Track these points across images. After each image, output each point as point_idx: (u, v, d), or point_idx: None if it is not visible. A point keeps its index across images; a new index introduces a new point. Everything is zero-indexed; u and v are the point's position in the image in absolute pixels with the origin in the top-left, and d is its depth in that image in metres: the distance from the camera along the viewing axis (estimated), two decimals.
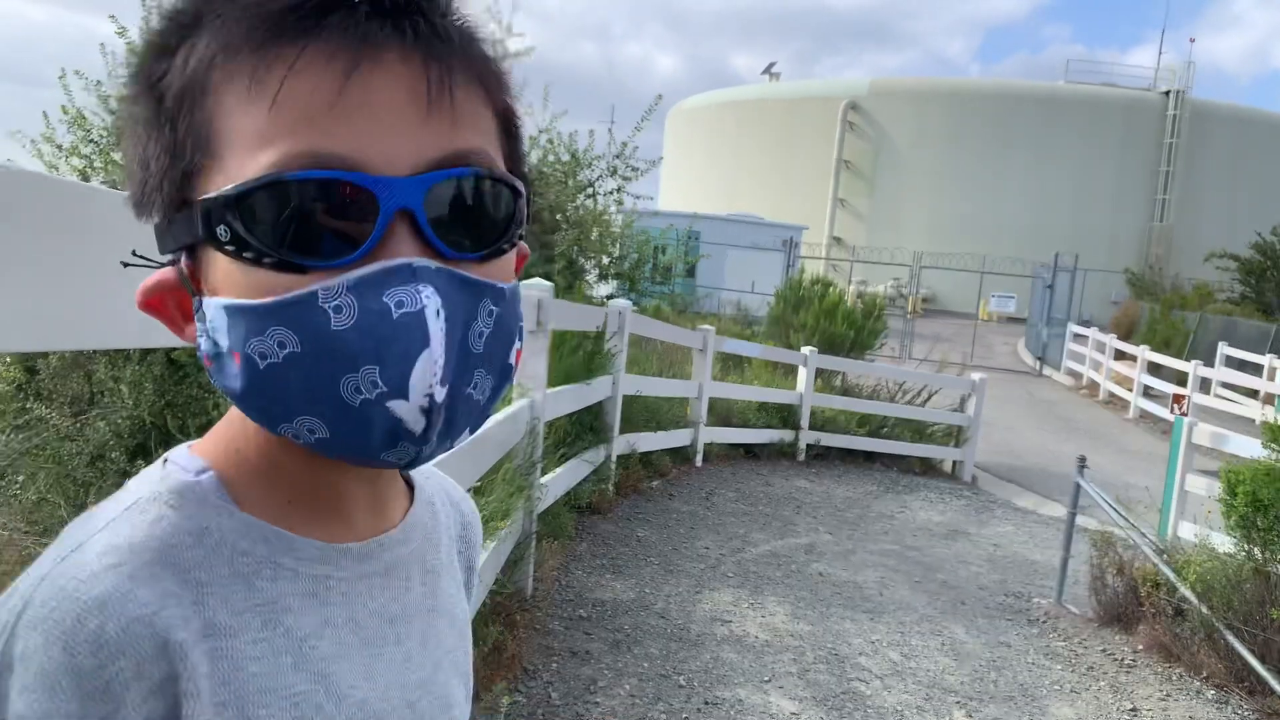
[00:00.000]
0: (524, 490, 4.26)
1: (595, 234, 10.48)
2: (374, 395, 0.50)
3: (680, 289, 17.52)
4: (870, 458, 10.07)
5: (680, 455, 8.28)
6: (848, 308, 12.59)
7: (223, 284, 0.53)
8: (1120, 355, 17.60)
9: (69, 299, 1.02)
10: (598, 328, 6.11)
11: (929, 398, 10.97)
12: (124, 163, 0.57)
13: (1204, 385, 15.48)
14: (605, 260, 10.97)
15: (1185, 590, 4.86)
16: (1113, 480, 9.16)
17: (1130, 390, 16.16)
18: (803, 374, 9.75)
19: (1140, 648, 5.11)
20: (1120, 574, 5.47)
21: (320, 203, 0.50)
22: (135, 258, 0.58)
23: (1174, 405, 13.56)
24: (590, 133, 10.75)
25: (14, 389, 4.28)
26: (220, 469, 0.58)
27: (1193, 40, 62.26)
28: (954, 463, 10.45)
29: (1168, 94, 36.10)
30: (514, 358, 0.58)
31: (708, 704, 3.87)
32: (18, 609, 0.49)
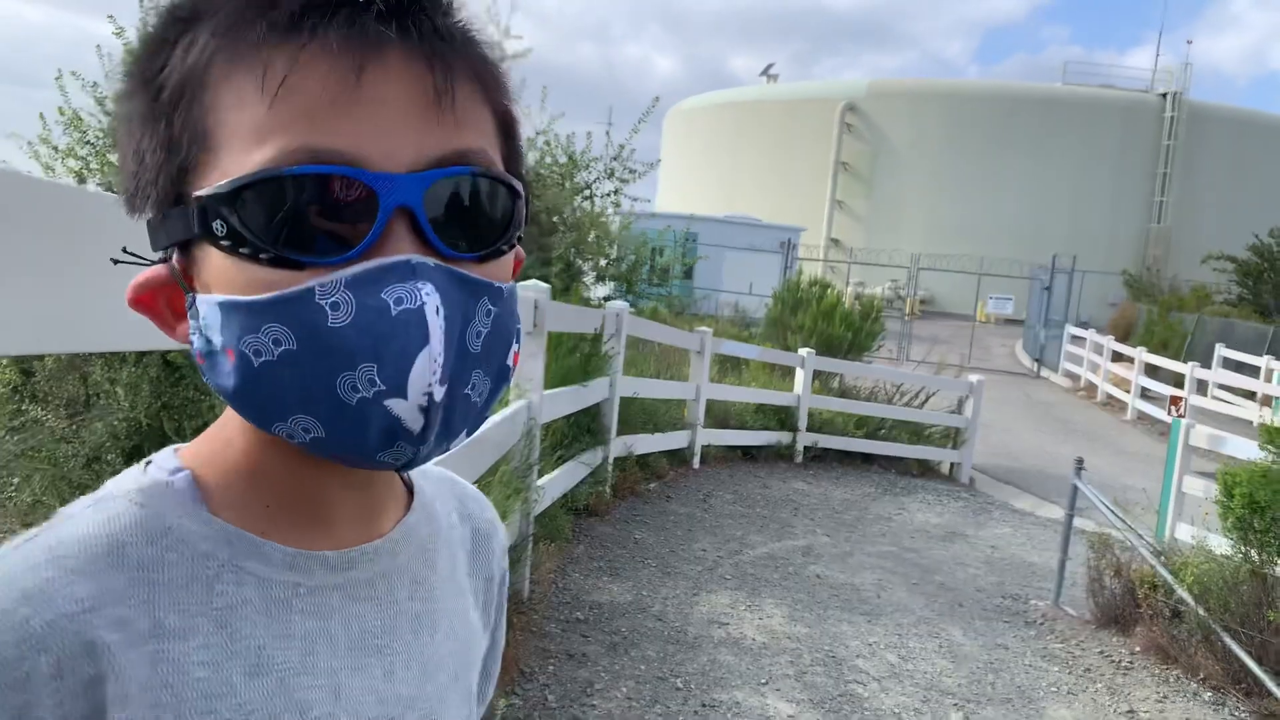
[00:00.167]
0: (521, 492, 4.26)
1: (592, 236, 10.48)
2: (371, 394, 0.49)
3: (678, 291, 17.52)
4: (868, 459, 10.07)
5: (677, 457, 8.28)
6: (845, 309, 12.60)
7: (217, 280, 0.52)
8: (1118, 357, 17.62)
9: (64, 301, 1.02)
10: (595, 329, 6.11)
11: (926, 399, 10.98)
12: (118, 157, 0.56)
13: (1201, 387, 15.50)
14: (603, 262, 10.97)
15: (1182, 592, 4.87)
16: (1110, 482, 9.17)
17: (1128, 392, 16.18)
18: (800, 376, 9.75)
19: (1137, 649, 5.12)
20: (1118, 576, 5.47)
21: (318, 198, 0.50)
22: (126, 254, 0.58)
23: (1171, 407, 13.60)
24: (588, 135, 10.75)
25: (10, 391, 4.27)
26: (199, 471, 0.57)
27: (1190, 42, 62.30)
28: (952, 464, 10.46)
29: (1165, 96, 36.17)
30: (511, 359, 0.57)
31: (705, 706, 3.87)
32: None
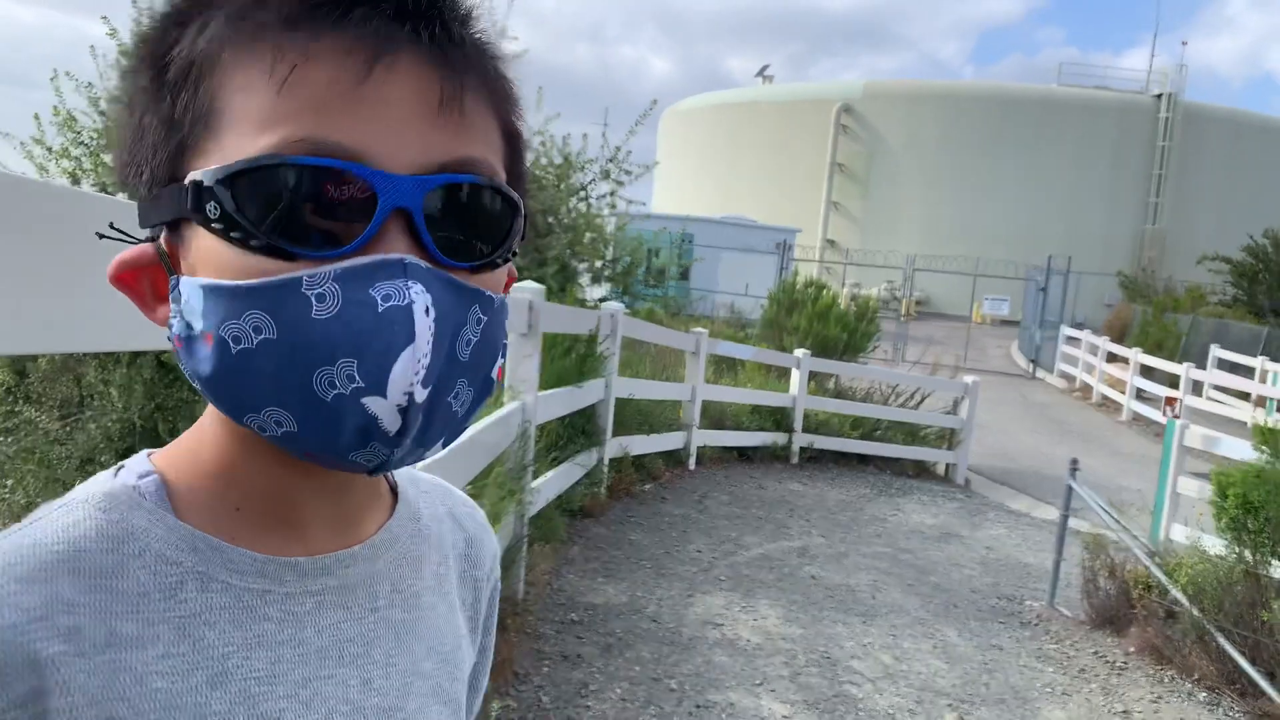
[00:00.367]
0: (515, 494, 4.25)
1: (588, 237, 10.47)
2: (349, 390, 0.48)
3: (674, 292, 17.55)
4: (863, 460, 10.08)
5: (673, 458, 8.28)
6: (841, 310, 12.62)
7: (204, 263, 0.51)
8: (1113, 358, 17.65)
9: (58, 301, 1.01)
10: (590, 331, 6.10)
11: (922, 400, 10.99)
12: (118, 133, 0.55)
13: (1196, 388, 15.52)
14: (598, 263, 10.96)
15: (1177, 593, 4.87)
16: (1105, 483, 9.19)
17: (1123, 393, 16.21)
18: (796, 377, 9.75)
19: (1132, 650, 5.12)
20: (1112, 576, 5.48)
21: (317, 190, 0.49)
22: (112, 230, 0.57)
23: (1166, 408, 13.61)
24: (584, 136, 10.73)
25: (3, 392, 4.26)
26: (169, 475, 0.56)
27: (1185, 43, 62.50)
28: (947, 465, 10.47)
29: (1160, 97, 36.25)
30: (496, 372, 0.56)
31: (699, 708, 3.87)
32: None
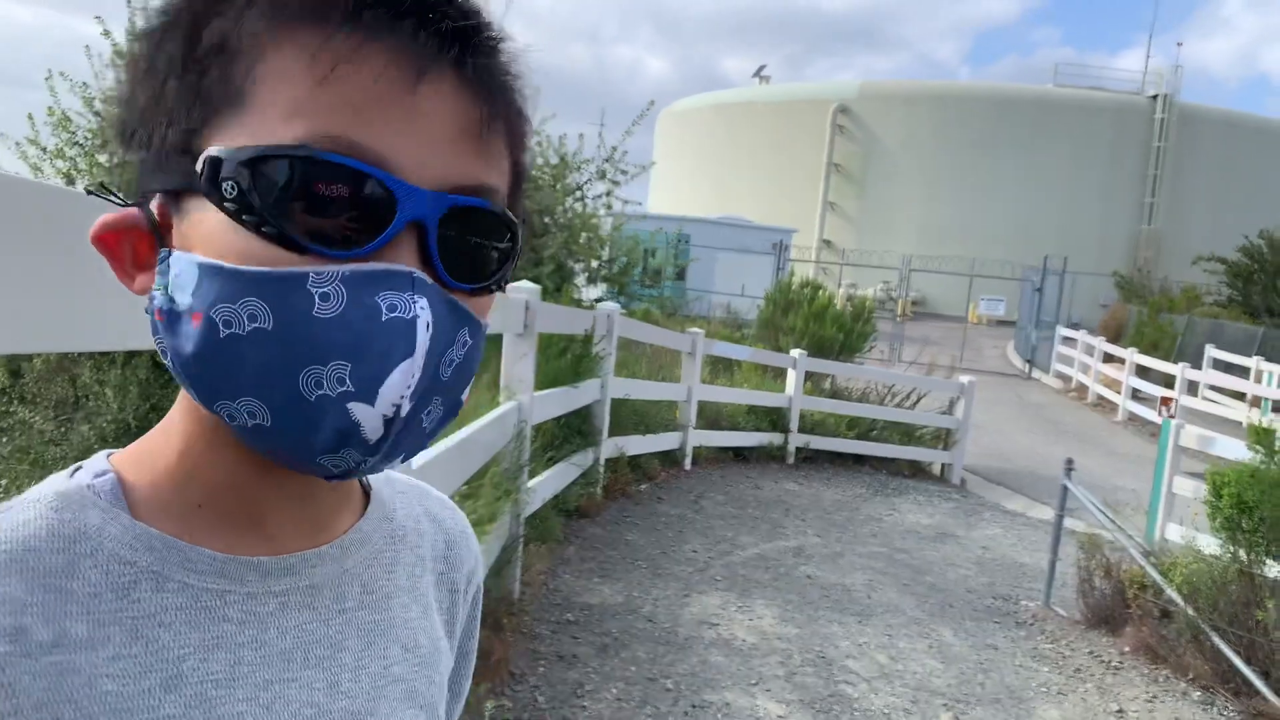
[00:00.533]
0: (511, 494, 4.25)
1: (584, 237, 10.47)
2: (336, 393, 0.48)
3: (670, 292, 17.56)
4: (859, 460, 10.09)
5: (669, 458, 8.28)
6: (837, 311, 12.62)
7: (205, 240, 0.50)
8: (1108, 358, 17.68)
9: (53, 301, 1.01)
10: (586, 331, 6.11)
11: (918, 401, 10.99)
12: (124, 89, 0.54)
13: (1191, 388, 15.55)
14: (594, 263, 10.96)
15: (1171, 592, 4.88)
16: (1101, 483, 9.21)
17: (1118, 393, 16.23)
18: (792, 377, 9.76)
19: (1127, 649, 5.13)
20: (1107, 576, 5.49)
21: (339, 190, 0.49)
22: (101, 189, 0.56)
23: (1161, 408, 13.63)
24: (580, 136, 10.72)
25: None
26: (128, 473, 0.55)
27: (1180, 44, 62.64)
28: (943, 465, 10.48)
29: (1155, 98, 36.32)
30: (465, 395, 0.56)
31: (695, 707, 3.87)
32: None
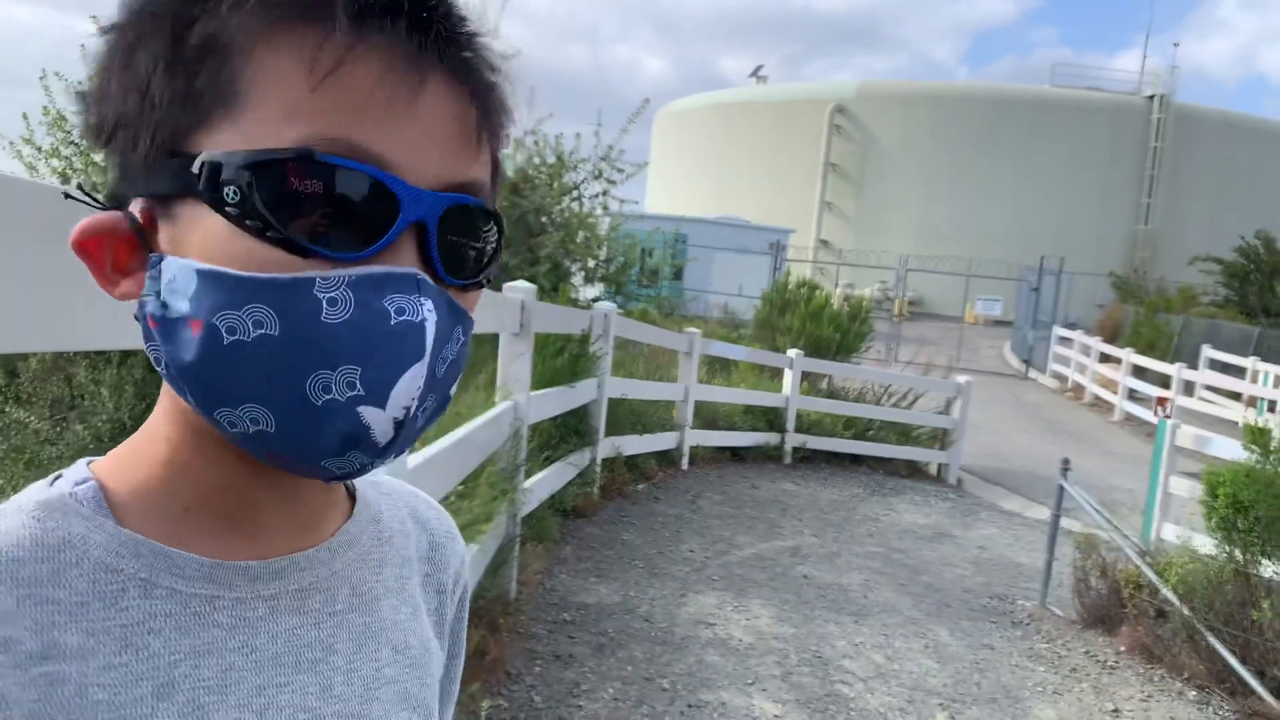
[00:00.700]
0: (507, 494, 4.25)
1: (581, 237, 10.46)
2: (345, 398, 0.48)
3: (667, 292, 17.55)
4: (856, 460, 10.09)
5: (666, 458, 8.28)
6: (834, 311, 12.62)
7: (201, 246, 0.49)
8: (1105, 358, 17.70)
9: (48, 300, 1.01)
10: (583, 331, 6.11)
11: (915, 400, 11.00)
12: (100, 86, 0.52)
13: (1188, 388, 15.58)
14: (591, 263, 10.95)
15: (1167, 592, 4.89)
16: (1097, 483, 9.22)
17: (1115, 393, 16.25)
18: (789, 377, 9.77)
19: (1123, 649, 5.14)
20: (1103, 576, 5.50)
21: (343, 193, 0.49)
22: (79, 192, 0.55)
23: (1158, 408, 13.65)
24: (576, 135, 10.72)
25: None
26: (109, 480, 0.55)
27: (1177, 45, 62.74)
28: (940, 465, 10.48)
29: (1152, 98, 36.36)
30: (454, 389, 0.57)
31: (691, 707, 3.87)
32: None
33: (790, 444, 9.63)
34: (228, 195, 0.48)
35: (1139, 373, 16.20)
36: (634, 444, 7.33)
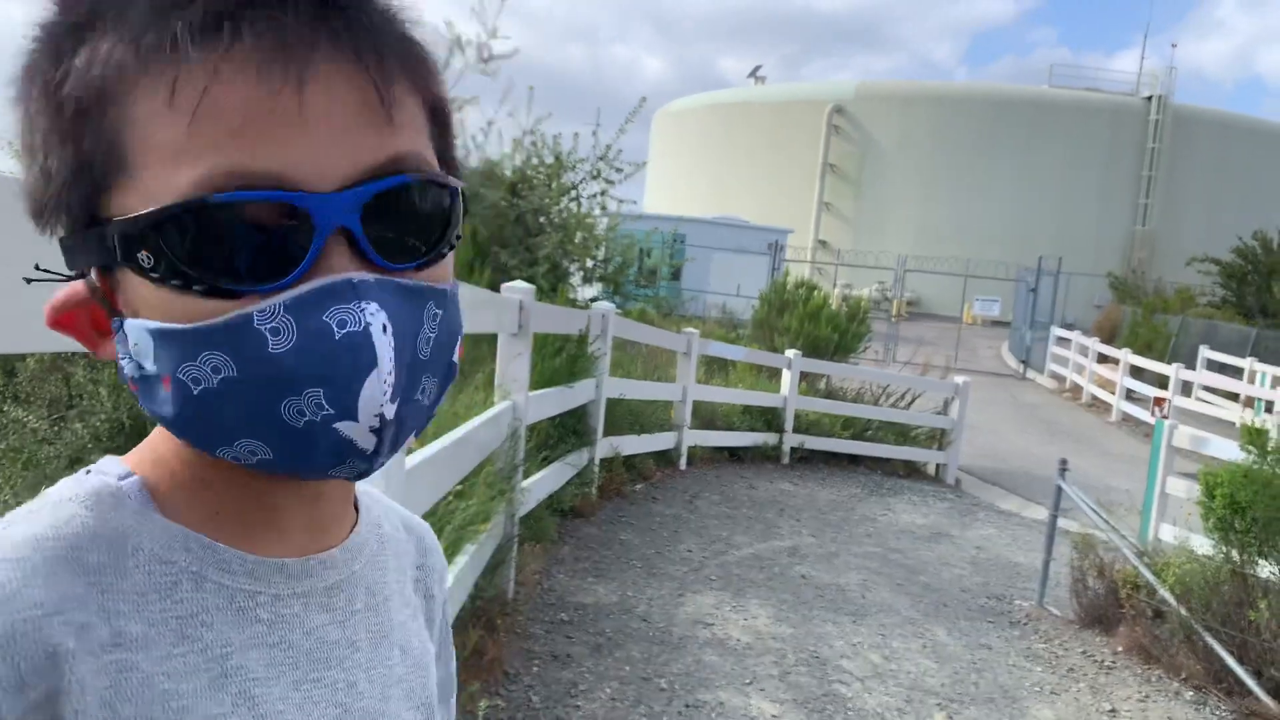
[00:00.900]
0: (505, 493, 4.26)
1: (579, 237, 10.46)
2: (319, 417, 0.48)
3: (665, 292, 17.54)
4: (854, 460, 10.10)
5: (664, 458, 8.28)
6: (832, 311, 12.63)
7: (146, 307, 0.49)
8: (1103, 359, 17.71)
9: (45, 300, 1.01)
10: (581, 331, 6.11)
11: (913, 401, 11.01)
12: (21, 166, 0.51)
13: (1185, 388, 15.59)
14: (589, 263, 10.95)
15: (1164, 592, 4.90)
16: (1095, 483, 9.23)
17: (1113, 393, 16.26)
18: (787, 377, 9.77)
19: (1120, 649, 5.15)
20: (1101, 576, 5.51)
21: (250, 224, 0.47)
22: (40, 272, 0.53)
23: (1155, 408, 13.67)
24: (575, 135, 10.71)
25: None
26: (146, 476, 0.55)
27: (1174, 45, 62.64)
28: (937, 466, 10.49)
29: (1150, 99, 36.39)
30: (456, 354, 0.56)
31: (689, 707, 3.87)
32: None
33: (788, 444, 9.63)
34: (142, 261, 0.47)
35: (1137, 373, 16.21)
36: (632, 444, 7.33)
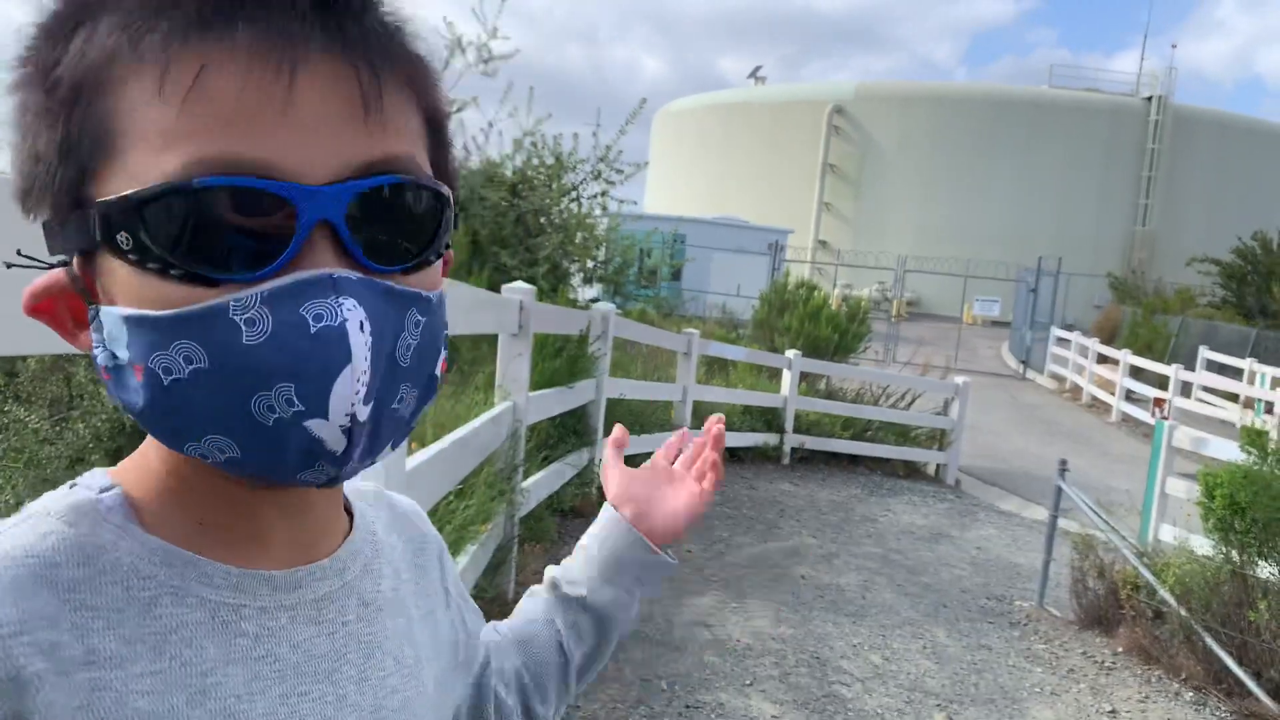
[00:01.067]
0: (506, 494, 4.26)
1: (580, 237, 10.46)
2: (289, 414, 0.47)
3: (666, 292, 17.55)
4: (854, 461, 10.10)
5: None
6: (832, 311, 12.63)
7: (123, 292, 0.48)
8: (1103, 359, 17.72)
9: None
10: (581, 331, 6.11)
11: (913, 401, 11.01)
12: (11, 151, 0.51)
13: (1185, 389, 15.59)
14: (590, 264, 10.95)
15: (1164, 593, 4.90)
16: (1095, 483, 9.23)
17: (1113, 394, 16.26)
18: (787, 377, 9.77)
19: (1120, 650, 5.15)
20: (1101, 577, 5.50)
21: (233, 212, 0.46)
22: (21, 258, 0.53)
23: (1155, 409, 13.67)
24: (575, 136, 10.71)
25: None
26: (129, 488, 0.54)
27: (1174, 46, 62.49)
28: (938, 466, 10.49)
29: (1150, 100, 36.40)
30: (439, 369, 0.55)
31: (689, 708, 3.87)
32: None
33: (788, 444, 9.63)
34: (122, 242, 0.47)
35: (1136, 374, 16.21)
36: (632, 444, 7.28)
